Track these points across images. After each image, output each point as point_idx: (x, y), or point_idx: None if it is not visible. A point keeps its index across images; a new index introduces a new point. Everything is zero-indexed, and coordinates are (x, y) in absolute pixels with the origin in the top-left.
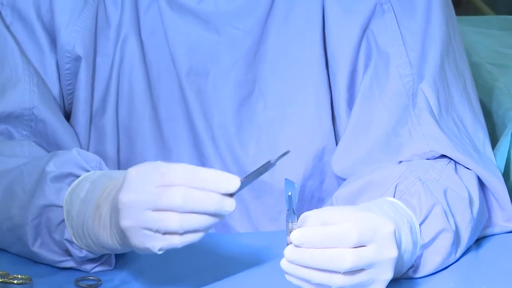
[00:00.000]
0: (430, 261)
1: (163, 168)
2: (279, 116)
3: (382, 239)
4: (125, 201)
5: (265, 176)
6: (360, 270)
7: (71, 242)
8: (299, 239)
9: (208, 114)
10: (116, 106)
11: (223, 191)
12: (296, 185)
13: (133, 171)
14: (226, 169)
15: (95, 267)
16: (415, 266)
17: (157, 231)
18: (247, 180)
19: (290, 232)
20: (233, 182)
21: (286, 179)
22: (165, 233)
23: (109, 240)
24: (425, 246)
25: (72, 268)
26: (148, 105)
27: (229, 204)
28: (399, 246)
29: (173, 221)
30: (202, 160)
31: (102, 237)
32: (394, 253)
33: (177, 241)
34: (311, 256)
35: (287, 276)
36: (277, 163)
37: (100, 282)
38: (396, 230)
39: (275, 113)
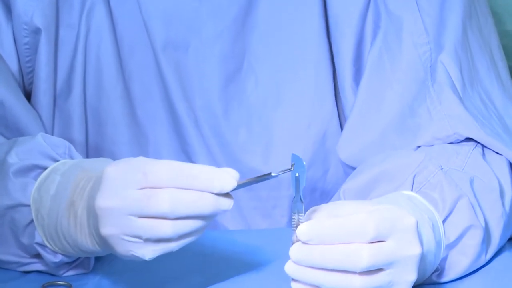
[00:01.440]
0: (457, 264)
1: (146, 166)
2: (272, 94)
3: (402, 233)
4: (104, 208)
5: (258, 165)
6: (379, 270)
7: (43, 246)
8: (307, 233)
9: (190, 94)
10: (83, 85)
11: (217, 191)
12: (304, 163)
13: (111, 171)
14: (211, 157)
15: (67, 271)
16: (439, 270)
17: (147, 239)
18: (244, 183)
19: (297, 226)
20: (228, 180)
21: (293, 154)
22: (157, 240)
23: (88, 242)
24: (450, 246)
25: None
26: (120, 84)
27: (226, 203)
28: (421, 243)
29: (166, 228)
30: (183, 147)
31: (79, 238)
32: (417, 249)
33: (172, 246)
34: (322, 254)
35: (294, 285)
36: (271, 149)
37: None
38: (417, 224)
39: (268, 91)
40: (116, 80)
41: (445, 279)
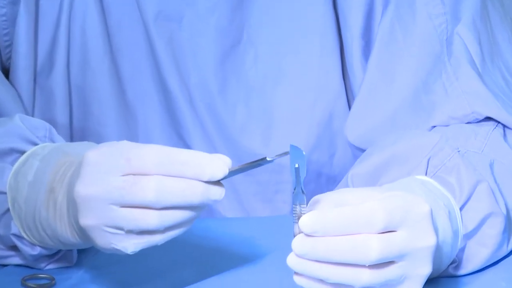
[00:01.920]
0: (476, 255)
1: (130, 151)
2: (273, 70)
3: (416, 222)
4: (84, 195)
5: (258, 147)
6: (390, 263)
7: (20, 237)
8: (310, 225)
9: (183, 70)
10: (66, 61)
11: (207, 178)
12: (304, 153)
13: (92, 156)
14: (207, 139)
15: (48, 264)
16: (457, 262)
17: (130, 231)
18: (237, 170)
19: (299, 218)
20: (219, 166)
21: (291, 145)
22: (141, 232)
23: (68, 233)
24: (468, 236)
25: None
26: (107, 59)
27: (217, 193)
28: (436, 233)
29: (151, 218)
30: (176, 129)
31: (59, 229)
32: (431, 240)
33: (157, 239)
34: (327, 246)
35: (296, 278)
36: (272, 130)
37: (53, 282)
38: (432, 212)
39: (269, 66)
40: (103, 55)
41: (463, 271)
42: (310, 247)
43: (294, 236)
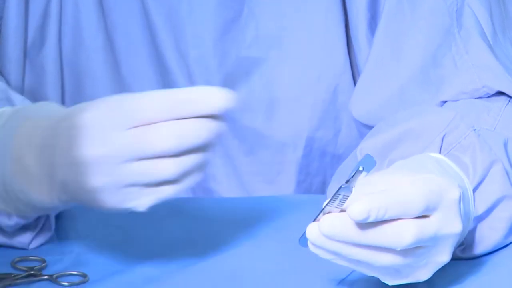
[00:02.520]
0: (486, 238)
1: (130, 104)
2: (275, 44)
3: (446, 208)
4: (93, 157)
5: (260, 125)
6: (417, 247)
7: None
8: (362, 213)
9: (182, 44)
10: (58, 35)
11: (217, 111)
12: (375, 163)
13: (89, 116)
14: None
15: (33, 238)
16: (465, 244)
17: (146, 184)
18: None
19: (338, 203)
20: (223, 96)
21: (367, 154)
22: (156, 184)
23: (46, 198)
24: (479, 219)
25: (4, 246)
26: (101, 34)
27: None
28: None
29: (168, 167)
30: None
31: (34, 195)
32: (457, 227)
33: (171, 191)
34: (359, 231)
35: (311, 248)
36: (275, 108)
37: (44, 264)
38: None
39: (270, 40)
40: (97, 30)
41: (471, 254)
42: (341, 230)
43: (320, 214)
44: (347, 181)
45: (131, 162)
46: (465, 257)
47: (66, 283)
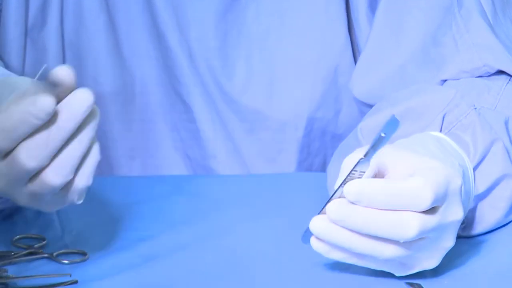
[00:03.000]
0: (486, 217)
1: None
2: (276, 24)
3: (450, 198)
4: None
5: (260, 105)
6: (420, 239)
7: None
8: (356, 193)
9: (183, 24)
10: (60, 15)
11: (46, 118)
12: (399, 124)
13: None
14: (207, 96)
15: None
16: (465, 223)
17: (53, 195)
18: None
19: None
20: (43, 103)
21: (393, 115)
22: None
23: None
24: (480, 197)
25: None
26: (102, 14)
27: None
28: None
29: (50, 178)
30: (174, 86)
31: None
32: (459, 214)
33: (83, 182)
34: (366, 217)
35: (314, 243)
36: (275, 87)
37: (45, 242)
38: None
39: (271, 20)
40: (99, 10)
41: (472, 232)
42: (348, 214)
43: (330, 198)
44: (365, 154)
45: (24, 186)
46: (466, 235)
47: (66, 261)
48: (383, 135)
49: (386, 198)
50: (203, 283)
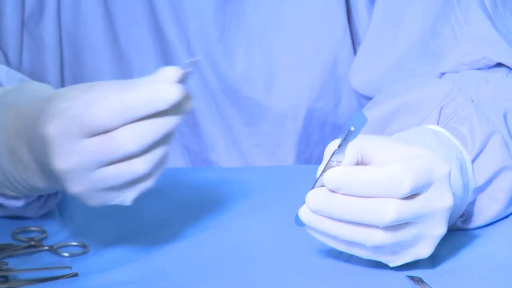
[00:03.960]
0: (486, 209)
1: (85, 113)
2: (275, 14)
3: (436, 185)
4: (65, 170)
5: (259, 96)
6: (405, 224)
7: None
8: (335, 181)
9: (181, 16)
10: (57, 6)
11: (167, 107)
12: (366, 120)
13: (51, 130)
14: (206, 87)
15: (38, 211)
16: (465, 216)
17: (122, 185)
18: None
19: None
20: (171, 92)
21: (358, 111)
22: (133, 182)
23: (42, 183)
24: (479, 190)
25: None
26: (100, 5)
27: (187, 106)
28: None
29: (139, 166)
30: None
31: (32, 181)
32: (448, 201)
33: (149, 182)
34: (342, 204)
35: (308, 229)
36: (274, 78)
37: (45, 235)
38: (451, 173)
39: (270, 11)
40: (96, 1)
41: (472, 225)
42: (325, 202)
43: (312, 188)
44: (339, 146)
45: (101, 168)
46: (466, 228)
47: (66, 254)
48: (352, 129)
49: (366, 185)
50: (203, 275)
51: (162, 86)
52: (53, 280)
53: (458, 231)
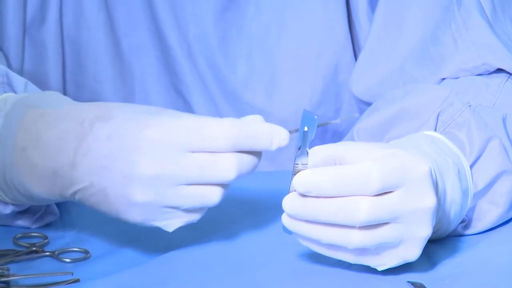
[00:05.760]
0: (487, 214)
1: (203, 129)
2: (276, 21)
3: (413, 183)
4: (150, 174)
5: (260, 102)
6: (383, 224)
7: None
8: (305, 185)
9: (182, 22)
10: (59, 12)
11: (274, 148)
12: (316, 117)
13: (154, 134)
14: (207, 94)
15: (34, 223)
16: (466, 221)
17: (187, 209)
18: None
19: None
20: (282, 136)
21: (304, 110)
22: (198, 209)
23: (45, 191)
24: (479, 195)
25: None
26: (102, 11)
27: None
28: (443, 197)
29: (216, 195)
30: (175, 84)
31: (34, 189)
32: (430, 201)
33: (197, 217)
34: (316, 207)
35: (295, 236)
36: (275, 84)
37: (46, 240)
38: (432, 170)
39: (271, 17)
40: (98, 7)
41: (473, 230)
42: (300, 207)
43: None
44: (299, 148)
45: (183, 185)
46: (467, 234)
47: (68, 260)
48: (306, 129)
49: (334, 184)
50: (203, 280)
51: (277, 128)
52: (55, 285)
53: (460, 237)
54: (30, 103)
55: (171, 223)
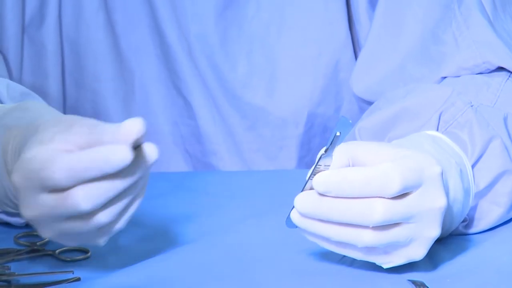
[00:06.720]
0: (488, 214)
1: (43, 170)
2: (276, 19)
3: (426, 185)
4: (32, 218)
5: (261, 101)
6: (396, 224)
7: (3, 212)
8: (324, 184)
9: (182, 20)
10: (58, 12)
11: (115, 171)
12: (350, 122)
13: (16, 181)
14: (208, 93)
15: None
16: (467, 220)
17: (88, 233)
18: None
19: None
20: (122, 156)
21: (342, 116)
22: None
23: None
24: (480, 195)
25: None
26: (101, 11)
27: (151, 158)
28: (446, 194)
29: (101, 218)
30: (175, 82)
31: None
32: (441, 202)
33: (118, 226)
34: (330, 207)
35: (301, 231)
36: (276, 83)
37: (47, 239)
38: (443, 172)
39: (272, 16)
40: (98, 7)
41: (473, 230)
42: (314, 206)
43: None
44: (326, 150)
45: (62, 221)
46: (468, 233)
47: (68, 259)
48: (338, 134)
49: (355, 186)
50: (205, 279)
51: (114, 149)
52: (56, 284)
53: (460, 236)
54: (7, 123)
55: (97, 242)
